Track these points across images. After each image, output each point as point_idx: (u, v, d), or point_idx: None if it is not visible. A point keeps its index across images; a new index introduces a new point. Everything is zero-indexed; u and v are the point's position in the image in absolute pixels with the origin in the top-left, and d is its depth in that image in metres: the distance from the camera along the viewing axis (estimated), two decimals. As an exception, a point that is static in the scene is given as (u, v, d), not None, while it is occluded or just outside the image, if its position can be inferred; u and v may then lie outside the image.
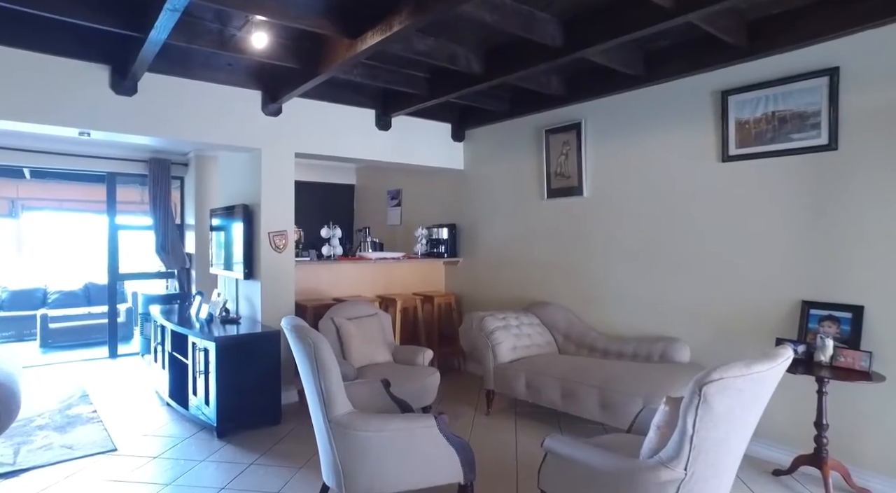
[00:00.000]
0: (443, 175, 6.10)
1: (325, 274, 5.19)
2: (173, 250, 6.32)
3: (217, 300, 4.75)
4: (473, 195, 5.77)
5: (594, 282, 4.60)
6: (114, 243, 6.33)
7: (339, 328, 4.29)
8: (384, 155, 5.27)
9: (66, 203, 9.28)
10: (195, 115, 4.18)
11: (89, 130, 3.85)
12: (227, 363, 3.87)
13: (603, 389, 3.54)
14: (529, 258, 5.16)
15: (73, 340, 7.54)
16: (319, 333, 2.57)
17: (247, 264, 4.58)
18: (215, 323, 4.49)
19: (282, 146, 4.62)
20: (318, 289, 5.15)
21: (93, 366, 6.01)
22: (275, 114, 4.57)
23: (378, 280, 5.57)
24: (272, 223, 4.58)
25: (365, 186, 7.68)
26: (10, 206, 9.19)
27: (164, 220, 6.27)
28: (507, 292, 5.39)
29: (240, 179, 4.99)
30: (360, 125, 5.10)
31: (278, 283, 4.61)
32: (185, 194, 6.77)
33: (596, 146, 4.60)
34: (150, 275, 6.72)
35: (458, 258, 5.91)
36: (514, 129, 5.30)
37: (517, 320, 4.61)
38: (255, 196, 4.63)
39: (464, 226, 5.88)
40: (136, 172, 6.40)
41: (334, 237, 5.11)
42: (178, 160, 6.55)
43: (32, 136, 5.59)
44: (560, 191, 4.86)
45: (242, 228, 4.58)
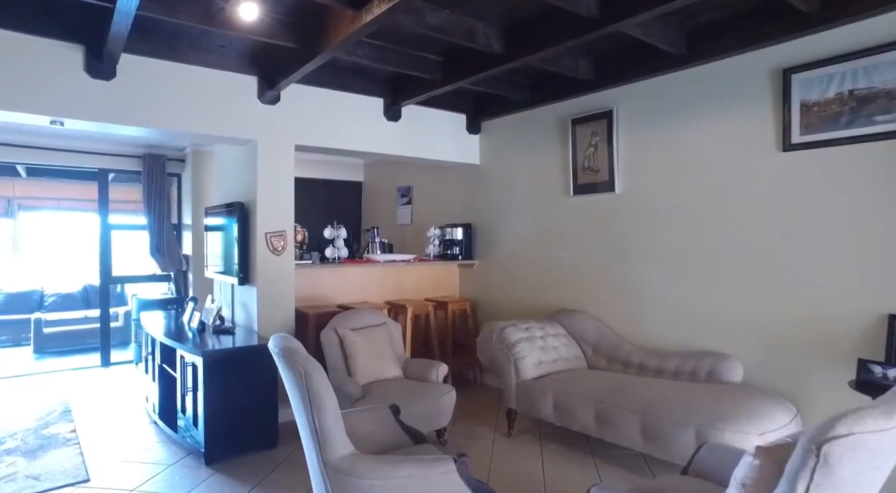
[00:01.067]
0: (457, 170, 5.63)
1: (329, 279, 4.74)
2: (169, 251, 5.92)
3: (211, 307, 4.33)
4: (491, 192, 5.30)
5: (628, 288, 4.11)
6: (106, 244, 5.94)
7: (343, 340, 3.84)
8: (393, 148, 4.81)
9: (64, 202, 8.92)
10: (182, 102, 3.75)
11: (62, 119, 3.43)
12: (217, 380, 3.44)
13: (646, 414, 3.05)
14: (553, 261, 4.68)
15: (68, 345, 7.17)
16: (312, 359, 2.11)
17: (242, 268, 4.14)
18: (208, 333, 4.06)
19: (280, 138, 4.18)
20: (321, 295, 4.70)
21: (83, 375, 5.63)
22: (272, 102, 4.13)
23: (387, 285, 5.12)
24: (269, 223, 4.14)
25: (373, 182, 7.24)
26: (7, 205, 8.85)
27: (159, 219, 5.87)
28: (528, 298, 4.91)
29: (235, 174, 4.56)
30: (368, 115, 4.65)
31: (276, 289, 4.17)
32: (182, 192, 6.36)
33: (629, 137, 4.11)
34: (145, 278, 6.33)
35: (473, 261, 5.44)
36: (536, 119, 4.82)
37: (541, 330, 4.13)
38: (250, 193, 4.19)
39: (480, 225, 5.41)
40: (130, 169, 6.00)
41: (339, 238, 4.66)
42: (174, 156, 6.15)
43: (19, 129, 5.22)
44: (588, 187, 4.37)
45: (237, 228, 4.15)
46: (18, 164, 5.84)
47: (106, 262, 5.94)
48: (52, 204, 8.97)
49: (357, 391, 3.47)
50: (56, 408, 4.56)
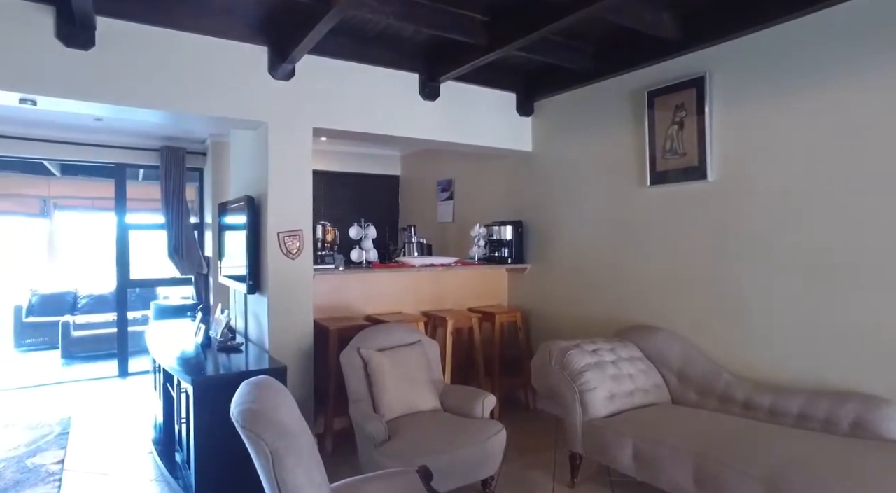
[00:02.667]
0: (505, 160, 4.86)
1: (356, 286, 4.06)
2: (188, 252, 5.41)
3: (220, 318, 3.72)
4: (546, 184, 4.49)
5: (726, 299, 3.23)
6: (123, 245, 5.49)
7: (368, 364, 3.14)
8: (430, 132, 4.09)
9: (97, 202, 8.70)
10: (177, 76, 3.14)
11: (33, 97, 2.87)
12: (210, 414, 2.79)
13: (777, 485, 2.19)
14: (625, 265, 3.83)
15: (96, 350, 6.83)
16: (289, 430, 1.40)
17: (252, 274, 3.51)
18: (212, 350, 3.45)
19: (295, 119, 3.53)
20: (347, 304, 4.03)
21: (97, 387, 5.18)
22: (286, 77, 3.48)
23: (423, 292, 4.40)
24: (283, 221, 3.49)
25: (411, 176, 6.54)
26: (43, 205, 8.70)
27: (178, 218, 5.37)
28: (591, 310, 4.08)
29: (246, 164, 3.95)
30: (400, 93, 3.94)
31: (291, 299, 3.52)
32: (204, 188, 5.86)
33: (728, 109, 3.22)
34: (166, 281, 5.86)
35: (525, 264, 4.65)
36: (602, 94, 3.98)
37: (612, 353, 3.30)
38: (261, 185, 3.56)
39: (533, 223, 4.61)
40: (148, 163, 5.53)
41: (366, 238, 3.98)
42: (194, 149, 5.65)
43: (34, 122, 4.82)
44: (671, 174, 3.51)
45: (247, 227, 3.52)
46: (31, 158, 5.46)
47: (123, 263, 5.49)
48: (86, 204, 8.76)
49: (381, 433, 2.76)
50: (53, 429, 4.07)
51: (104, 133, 5.24)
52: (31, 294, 8.15)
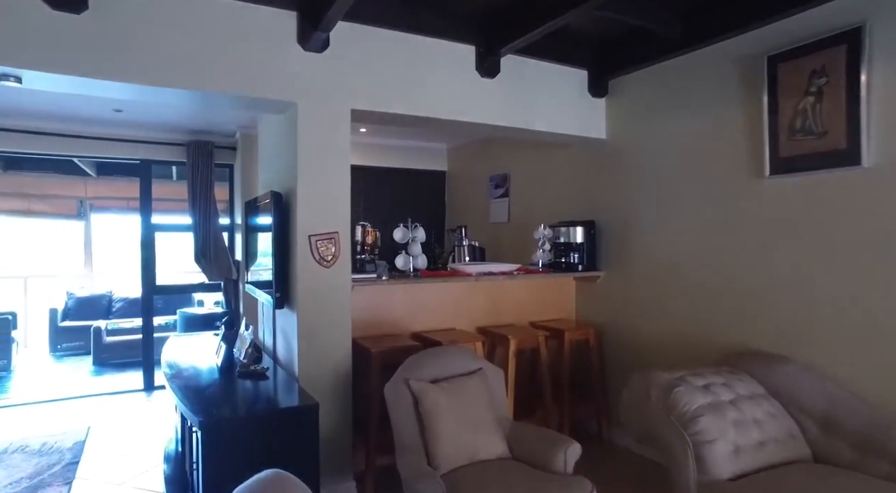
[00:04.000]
0: (573, 149, 4.16)
1: (401, 298, 3.44)
2: (216, 256, 4.92)
3: (244, 336, 3.17)
4: (623, 177, 3.77)
5: (890, 326, 2.45)
6: (149, 247, 5.05)
7: (420, 400, 2.51)
8: (489, 115, 3.43)
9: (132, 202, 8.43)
10: (186, 46, 2.58)
11: (16, 72, 2.36)
12: (221, 463, 2.22)
13: None
14: (732, 276, 3.08)
15: (128, 357, 6.47)
16: None
17: (279, 285, 2.93)
18: (232, 376, 2.90)
19: (330, 99, 2.93)
20: (390, 319, 3.41)
21: (119, 403, 4.74)
22: (319, 49, 2.88)
23: (479, 305, 3.74)
24: (315, 222, 2.90)
25: (460, 171, 5.89)
26: (79, 206, 8.50)
27: (206, 218, 4.88)
28: (683, 329, 3.34)
29: (274, 154, 3.39)
30: (454, 68, 3.30)
31: (326, 315, 2.92)
32: (233, 185, 5.37)
33: (890, 71, 2.44)
34: (192, 288, 5.40)
35: (597, 272, 3.94)
36: (698, 66, 3.24)
37: (728, 389, 2.55)
38: (290, 179, 2.98)
39: (607, 224, 3.90)
40: (174, 159, 5.08)
41: (414, 242, 3.35)
42: (223, 143, 5.16)
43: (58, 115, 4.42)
44: (803, 160, 2.74)
45: (273, 229, 2.94)
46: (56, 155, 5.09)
47: (149, 268, 5.06)
48: (121, 205, 8.51)
49: (437, 490, 2.12)
50: (63, 456, 3.61)
51: (127, 127, 4.81)
52: (67, 297, 7.91)
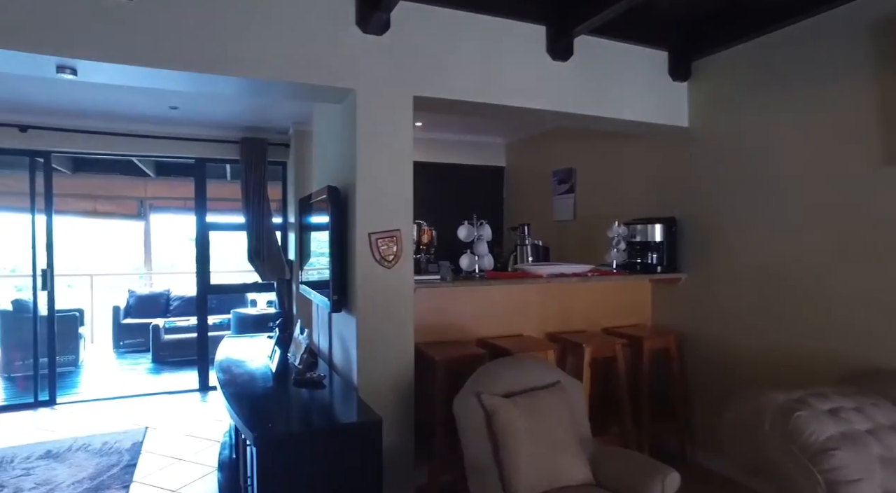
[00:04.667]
0: (649, 140, 3.80)
1: (466, 301, 3.18)
2: (269, 256, 4.81)
3: (299, 340, 3.00)
4: (710, 169, 3.38)
5: None
6: (204, 246, 5.00)
7: (493, 417, 2.24)
8: (560, 102, 3.13)
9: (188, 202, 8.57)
10: (240, 32, 2.41)
11: (71, 62, 2.24)
12: (277, 480, 2.02)
13: None
14: (856, 282, 2.65)
15: (184, 355, 6.51)
16: None
17: (337, 287, 2.73)
18: (287, 383, 2.72)
19: (391, 85, 2.70)
20: (453, 324, 3.16)
21: (175, 404, 4.70)
22: (379, 30, 2.66)
23: (547, 309, 3.44)
24: (376, 218, 2.68)
25: (519, 166, 5.59)
26: (140, 206, 8.70)
27: (259, 217, 4.79)
28: (787, 341, 2.93)
29: (331, 147, 3.20)
30: (523, 51, 3.01)
31: (387, 319, 2.69)
32: (287, 183, 5.26)
33: None
34: (246, 288, 5.33)
35: (679, 274, 3.56)
36: (813, 36, 2.82)
37: (861, 415, 2.15)
38: (348, 173, 2.77)
39: (691, 221, 3.52)
40: (228, 157, 5.01)
41: (480, 241, 3.09)
42: (276, 140, 5.05)
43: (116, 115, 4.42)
44: (947, 142, 2.31)
45: (330, 227, 2.74)
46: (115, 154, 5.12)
47: (204, 267, 5.01)
48: (178, 204, 8.66)
49: (521, 531, 1.85)
50: (122, 458, 3.56)
51: (183, 125, 4.77)
52: (129, 295, 8.09)
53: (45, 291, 4.71)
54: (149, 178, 8.08)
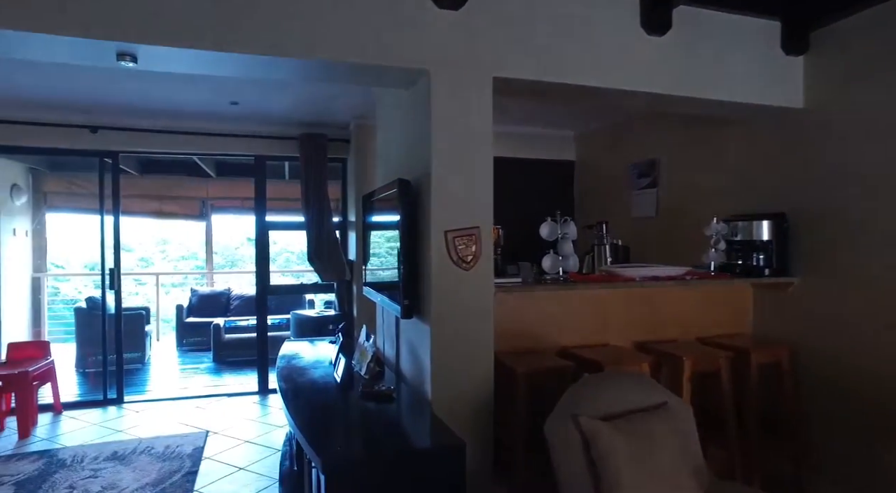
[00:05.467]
0: (753, 124, 3.35)
1: (546, 306, 2.86)
2: (330, 256, 4.65)
3: (365, 348, 2.77)
4: (830, 157, 2.92)
5: None
6: (263, 246, 4.90)
7: (593, 443, 1.91)
8: (657, 82, 2.76)
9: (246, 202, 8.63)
10: (298, 8, 2.19)
11: (132, 48, 2.09)
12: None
13: None
14: None
15: (244, 355, 6.47)
16: None
17: (408, 291, 2.47)
18: (353, 395, 2.49)
19: (469, 64, 2.42)
20: (531, 331, 2.85)
21: (236, 406, 4.61)
22: (455, 4, 2.38)
23: (633, 315, 3.07)
24: (453, 214, 2.40)
25: (592, 160, 5.19)
26: (202, 206, 8.83)
27: (319, 215, 4.63)
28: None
29: (398, 137, 2.95)
30: (614, 25, 2.67)
31: (464, 327, 2.41)
32: (347, 180, 5.09)
33: None
34: (305, 288, 5.20)
35: (791, 278, 3.11)
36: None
37: None
38: (420, 165, 2.51)
39: (804, 217, 3.06)
40: (287, 154, 4.88)
41: (565, 240, 2.77)
42: (336, 135, 4.88)
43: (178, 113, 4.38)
44: None
45: (400, 224, 2.49)
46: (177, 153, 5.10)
47: (263, 267, 4.91)
48: (237, 204, 8.74)
49: None
50: (183, 464, 3.45)
51: (243, 121, 4.68)
52: (192, 294, 8.21)
53: (112, 290, 4.72)
54: (211, 178, 8.16)
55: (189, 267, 11.24)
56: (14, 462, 3.52)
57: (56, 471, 3.39)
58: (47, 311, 7.81)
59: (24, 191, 7.23)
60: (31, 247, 7.50)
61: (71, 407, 4.56)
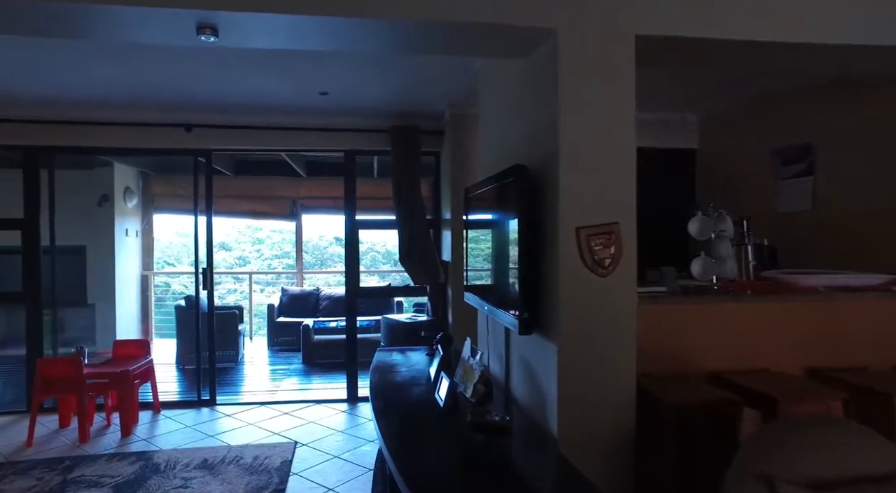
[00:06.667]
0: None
1: (692, 320, 2.31)
2: (422, 257, 4.31)
3: (469, 364, 2.36)
4: None
5: None
6: (353, 245, 4.66)
7: (800, 522, 1.38)
8: (833, 30, 2.12)
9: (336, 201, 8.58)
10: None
11: (213, 17, 1.82)
12: None
13: None
14: None
15: (333, 357, 6.34)
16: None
17: (526, 302, 2.03)
18: (459, 425, 2.09)
19: (605, 22, 1.94)
20: (673, 351, 2.30)
21: (325, 415, 4.39)
22: (590, -54, 1.92)
23: (800, 334, 2.42)
24: (585, 207, 1.93)
25: (720, 146, 4.48)
26: (292, 206, 8.90)
27: (411, 213, 4.30)
28: None
29: (510, 118, 2.51)
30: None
31: (599, 347, 1.94)
32: (441, 175, 4.73)
33: None
34: (396, 291, 4.89)
35: None
36: None
37: None
38: (542, 148, 2.06)
39: None
40: (378, 148, 4.61)
41: (722, 240, 2.22)
42: (428, 127, 4.54)
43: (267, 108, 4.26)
44: None
45: (515, 220, 2.05)
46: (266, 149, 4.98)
47: (353, 267, 4.66)
48: (326, 203, 8.73)
49: None
50: (271, 479, 3.23)
51: (332, 115, 4.46)
52: (282, 294, 8.26)
53: (205, 289, 4.68)
54: (301, 178, 8.18)
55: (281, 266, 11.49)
56: (115, 462, 3.50)
57: (150, 476, 3.30)
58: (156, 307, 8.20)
59: (135, 193, 7.59)
60: (140, 246, 7.89)
61: (168, 407, 4.56)
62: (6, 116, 4.25)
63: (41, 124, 4.33)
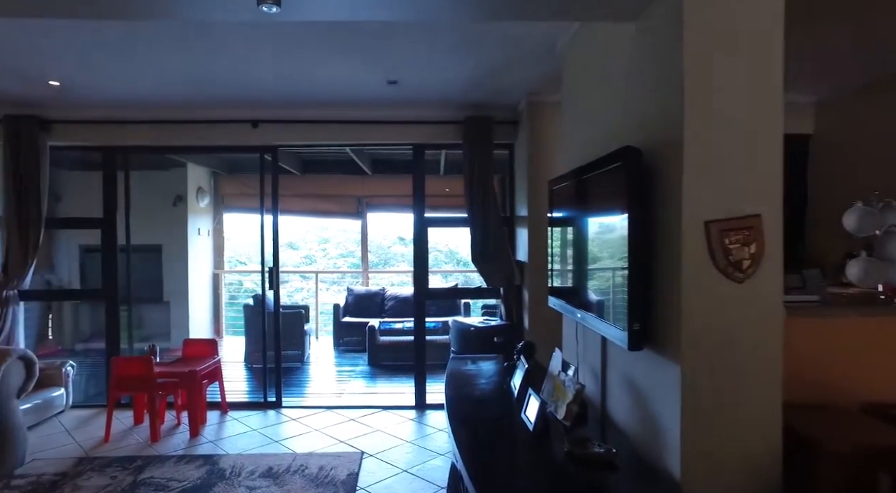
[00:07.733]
0: None
1: (843, 336, 1.87)
2: (496, 256, 4.00)
3: (563, 384, 2.03)
4: None
5: None
6: (421, 244, 4.40)
7: None
8: None
9: (403, 199, 8.41)
10: None
11: None
12: None
13: None
14: None
15: (400, 359, 6.16)
16: None
17: (637, 310, 1.67)
18: (552, 453, 1.76)
19: (746, -37, 1.56)
20: (825, 376, 1.87)
21: (392, 423, 4.16)
22: None
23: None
24: (716, 196, 1.56)
25: (842, 132, 3.87)
26: (358, 204, 8.84)
27: (484, 210, 4.00)
28: None
29: (608, 97, 2.15)
30: None
31: (734, 370, 1.56)
32: (516, 169, 4.39)
33: None
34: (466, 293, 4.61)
35: None
36: None
37: None
38: (659, 126, 1.70)
39: None
40: (448, 141, 4.34)
41: (890, 236, 1.75)
42: (502, 118, 4.22)
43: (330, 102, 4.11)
44: None
45: (622, 212, 1.70)
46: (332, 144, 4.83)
47: (422, 267, 4.42)
48: (392, 201, 8.59)
49: None
50: (337, 492, 3.03)
51: (399, 106, 4.23)
52: (348, 293, 8.19)
53: (271, 288, 4.59)
54: (366, 176, 8.08)
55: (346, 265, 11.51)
56: (183, 465, 3.44)
57: (215, 483, 3.19)
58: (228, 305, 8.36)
59: (206, 193, 7.75)
60: (211, 245, 8.06)
61: (235, 407, 4.50)
62: (83, 118, 4.34)
63: (114, 125, 4.39)
